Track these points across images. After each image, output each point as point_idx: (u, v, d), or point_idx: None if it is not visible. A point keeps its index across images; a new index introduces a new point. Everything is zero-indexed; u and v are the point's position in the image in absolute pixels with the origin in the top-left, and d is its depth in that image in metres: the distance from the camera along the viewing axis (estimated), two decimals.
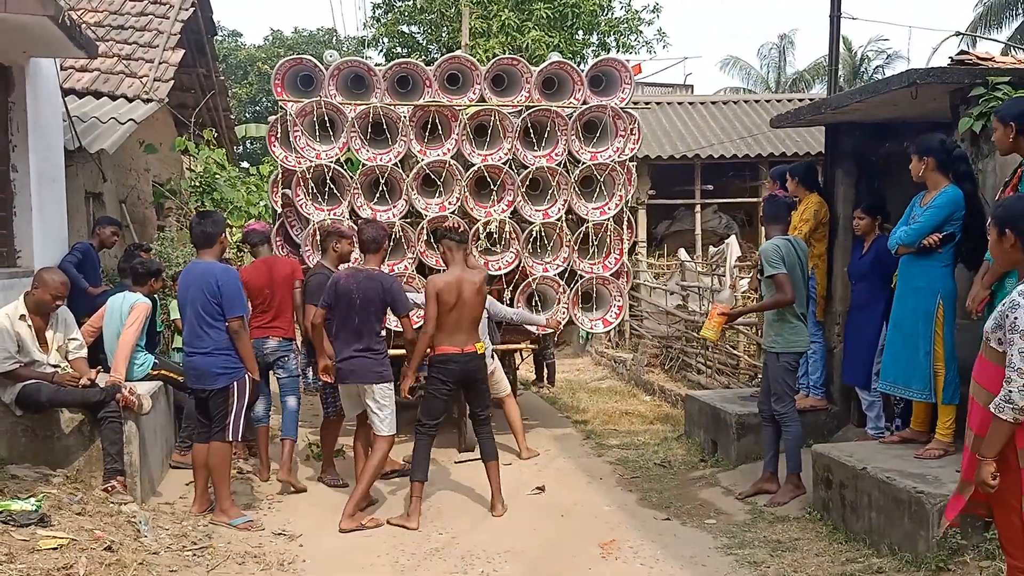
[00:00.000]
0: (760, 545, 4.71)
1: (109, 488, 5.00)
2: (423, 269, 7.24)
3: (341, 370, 5.35)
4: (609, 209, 7.42)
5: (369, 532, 5.13)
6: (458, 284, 5.29)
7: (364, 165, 7.22)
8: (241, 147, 18.01)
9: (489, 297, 5.51)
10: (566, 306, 7.30)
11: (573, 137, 7.34)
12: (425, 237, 7.13)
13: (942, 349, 4.77)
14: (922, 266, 4.82)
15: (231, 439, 5.14)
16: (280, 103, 7.31)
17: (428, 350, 5.34)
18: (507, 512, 5.49)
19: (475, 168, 7.16)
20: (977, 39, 18.39)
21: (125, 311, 5.84)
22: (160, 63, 9.02)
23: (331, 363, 5.39)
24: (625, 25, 18.68)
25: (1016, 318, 2.84)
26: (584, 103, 7.37)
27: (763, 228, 6.86)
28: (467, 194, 7.18)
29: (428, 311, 5.25)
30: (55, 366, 5.33)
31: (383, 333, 5.46)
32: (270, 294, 6.10)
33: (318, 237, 6.87)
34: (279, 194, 7.36)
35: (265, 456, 6.23)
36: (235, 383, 5.10)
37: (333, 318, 5.36)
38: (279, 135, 7.30)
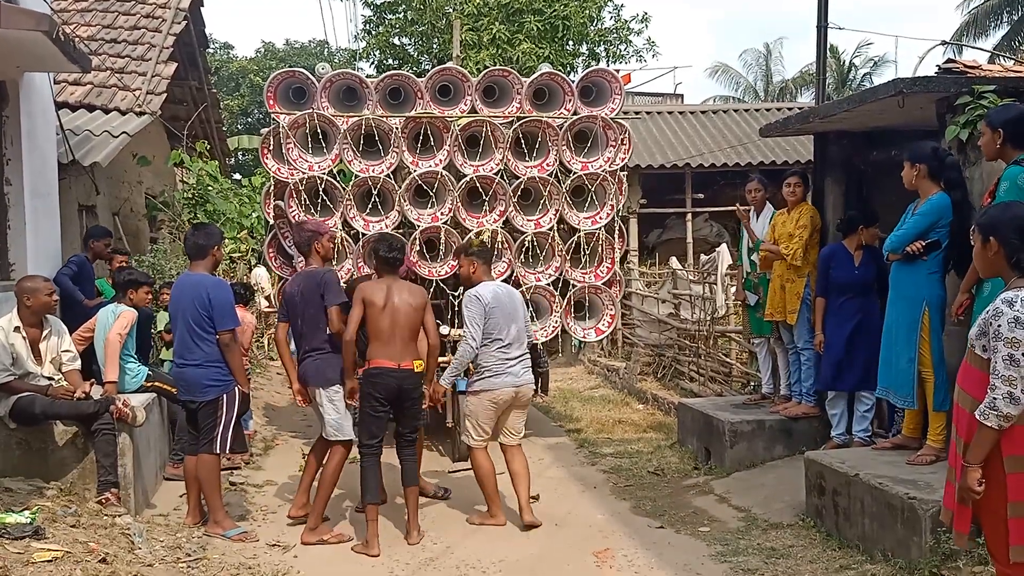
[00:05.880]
0: (754, 552, 4.73)
1: (103, 500, 4.99)
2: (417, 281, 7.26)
3: (301, 377, 5.29)
4: (600, 219, 7.48)
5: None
6: (387, 291, 5.06)
7: (357, 176, 7.25)
8: (233, 159, 18.02)
9: None
10: (559, 315, 7.34)
11: (564, 147, 7.38)
12: (418, 248, 7.16)
13: (929, 355, 4.79)
14: (909, 273, 4.85)
15: (219, 451, 5.14)
16: (273, 115, 7.35)
17: (365, 363, 5.10)
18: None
19: (467, 179, 7.20)
20: (963, 47, 18.56)
21: (110, 321, 5.86)
22: (153, 76, 9.03)
23: (303, 387, 5.30)
24: (615, 35, 18.80)
25: (1000, 325, 2.86)
26: (575, 113, 7.43)
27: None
28: (459, 204, 7.22)
29: (351, 314, 5.04)
30: (49, 378, 5.33)
31: (328, 332, 5.16)
32: None
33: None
34: (272, 205, 7.38)
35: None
36: (224, 395, 5.10)
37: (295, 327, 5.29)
38: (272, 147, 7.34)
